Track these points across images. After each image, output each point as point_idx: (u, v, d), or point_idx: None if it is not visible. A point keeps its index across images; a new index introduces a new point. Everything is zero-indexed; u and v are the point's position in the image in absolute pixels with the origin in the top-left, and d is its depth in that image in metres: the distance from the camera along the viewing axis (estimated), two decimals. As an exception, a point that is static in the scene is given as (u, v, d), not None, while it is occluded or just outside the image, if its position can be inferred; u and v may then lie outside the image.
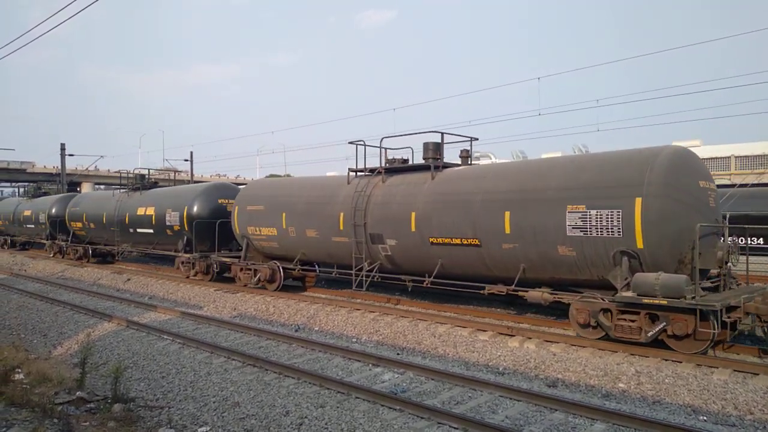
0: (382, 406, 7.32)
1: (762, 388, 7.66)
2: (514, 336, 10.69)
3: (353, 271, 13.70)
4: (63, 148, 43.26)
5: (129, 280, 20.29)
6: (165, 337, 11.56)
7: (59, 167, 44.83)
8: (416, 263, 12.87)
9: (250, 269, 16.66)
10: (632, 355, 9.31)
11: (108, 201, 24.28)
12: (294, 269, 15.98)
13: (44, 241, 29.68)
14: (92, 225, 24.89)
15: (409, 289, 13.67)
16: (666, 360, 8.97)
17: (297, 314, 13.67)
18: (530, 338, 10.49)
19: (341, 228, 14.00)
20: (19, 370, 8.85)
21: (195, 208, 18.88)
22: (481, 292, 11.95)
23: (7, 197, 41.30)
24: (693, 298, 8.65)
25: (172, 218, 19.49)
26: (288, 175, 26.01)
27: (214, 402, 7.81)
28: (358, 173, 14.72)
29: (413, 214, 12.45)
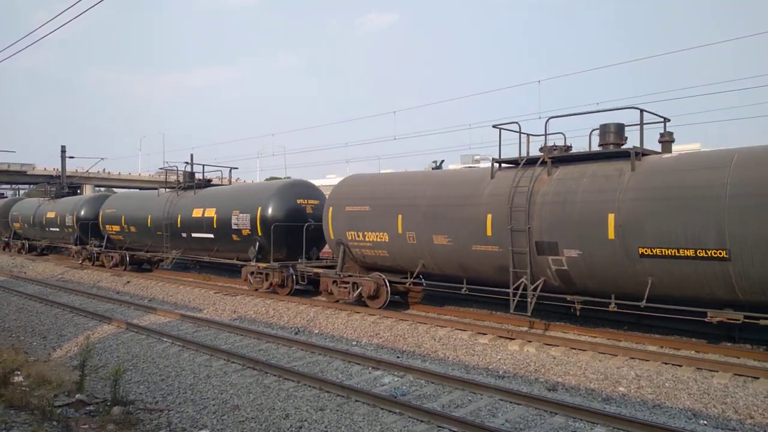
0: (382, 409, 7.31)
1: (762, 392, 7.65)
2: (514, 339, 10.68)
3: (510, 290, 10.69)
4: (63, 150, 43.24)
5: (129, 282, 20.28)
6: (165, 339, 11.55)
7: (60, 169, 44.82)
8: (608, 281, 9.91)
9: (347, 282, 13.97)
10: (632, 359, 9.30)
11: (152, 202, 21.51)
12: (403, 283, 13.44)
13: (71, 246, 26.67)
14: (132, 229, 22.06)
15: (577, 313, 10.78)
16: (666, 364, 8.96)
17: (297, 317, 13.66)
18: (530, 341, 10.48)
19: (489, 233, 11.09)
20: (19, 373, 8.83)
21: (270, 210, 16.16)
22: (709, 319, 8.97)
23: (7, 198, 39.57)
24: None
25: (240, 221, 16.76)
26: (288, 178, 25.12)
27: (213, 405, 7.80)
28: (503, 165, 11.86)
29: (611, 217, 9.54)
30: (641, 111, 10.13)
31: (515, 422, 6.92)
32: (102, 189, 61.82)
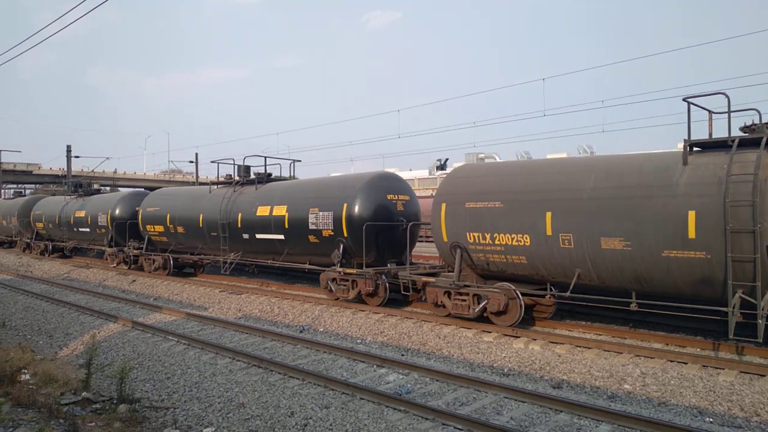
0: (387, 407, 7.32)
1: (768, 389, 7.61)
2: (518, 337, 10.68)
3: (729, 309, 8.40)
4: (69, 149, 43.50)
5: (134, 281, 20.35)
6: (170, 338, 11.59)
7: (65, 169, 45.02)
8: None
9: (465, 294, 11.68)
10: (638, 356, 9.28)
11: (205, 199, 19.09)
12: (540, 295, 11.16)
13: (104, 248, 24.29)
14: (180, 229, 19.82)
15: None
16: (672, 361, 8.94)
17: (302, 315, 13.68)
18: (535, 339, 10.47)
19: (692, 236, 8.75)
20: (26, 371, 8.89)
21: (358, 207, 13.93)
22: None
23: (28, 196, 36.82)
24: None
25: (320, 220, 14.63)
26: (293, 177, 24.25)
27: (219, 403, 7.82)
28: (704, 148, 9.38)
29: None
30: None
31: (520, 420, 6.92)
32: (108, 188, 62.00)
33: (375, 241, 13.89)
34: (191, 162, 48.78)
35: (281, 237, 15.89)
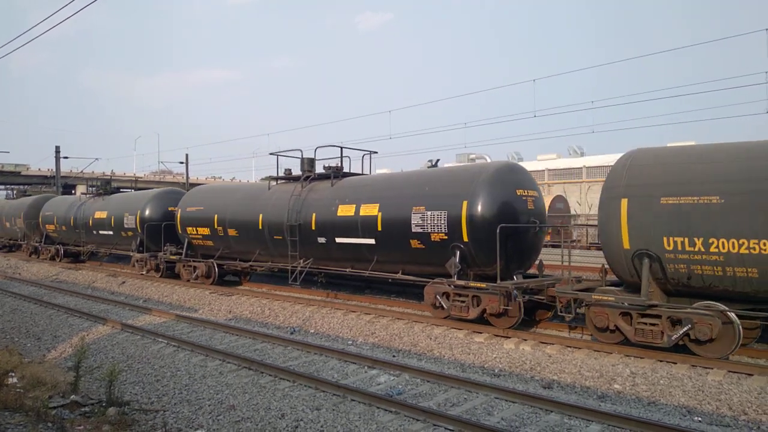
0: (378, 408, 7.31)
1: (756, 388, 7.69)
2: (509, 338, 10.70)
3: None
4: (58, 150, 43.13)
5: (124, 283, 20.22)
6: (160, 340, 11.52)
7: (54, 170, 44.66)
8: None
9: (653, 317, 9.32)
10: (627, 356, 9.33)
11: (263, 197, 16.44)
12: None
13: (130, 253, 21.48)
14: (232, 232, 16.99)
15: None
16: (661, 361, 9.00)
17: (293, 317, 13.65)
18: (525, 340, 10.50)
19: None
20: (13, 374, 8.81)
21: (481, 205, 11.30)
22: None
23: (35, 196, 33.57)
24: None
25: (429, 222, 12.00)
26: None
27: (209, 405, 7.78)
28: None
29: None
30: None
31: (511, 420, 6.93)
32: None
33: (505, 247, 11.16)
34: (181, 163, 48.52)
35: (370, 242, 13.26)
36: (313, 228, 14.53)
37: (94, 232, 23.82)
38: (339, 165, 15.67)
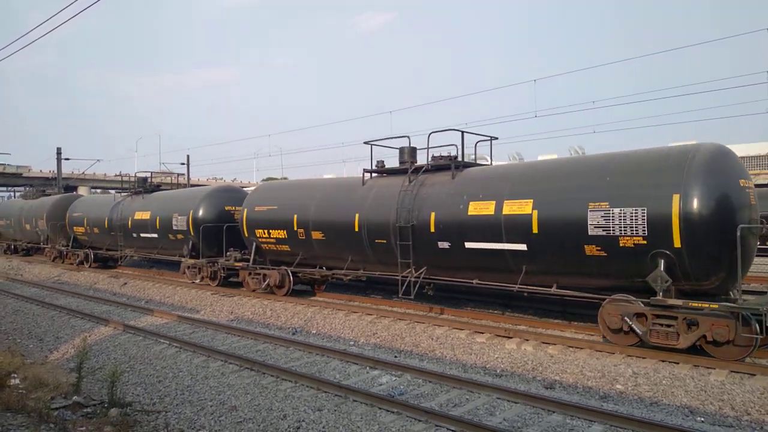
0: (380, 408, 7.31)
1: (759, 388, 7.67)
2: (511, 338, 10.69)
3: None
4: (59, 152, 43.18)
5: (126, 284, 20.24)
6: (162, 341, 11.53)
7: (55, 171, 44.73)
8: None
9: None
10: (629, 356, 9.32)
11: (358, 193, 13.85)
12: None
13: (178, 259, 19.26)
14: (318, 235, 14.43)
15: None
16: (663, 361, 8.98)
17: (294, 317, 13.65)
18: (527, 340, 10.49)
19: None
20: (15, 375, 8.82)
21: (698, 199, 8.75)
22: None
23: (60, 195, 30.69)
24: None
25: (620, 221, 9.38)
26: (285, 179, 21.76)
27: (211, 406, 7.79)
28: None
29: None
30: None
31: (513, 421, 6.92)
32: (98, 190, 61.70)
33: (728, 254, 8.78)
34: (183, 164, 48.56)
35: (519, 247, 10.62)
36: (432, 230, 11.91)
37: (134, 235, 21.31)
38: (452, 154, 12.97)
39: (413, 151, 13.81)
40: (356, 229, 13.43)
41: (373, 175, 14.33)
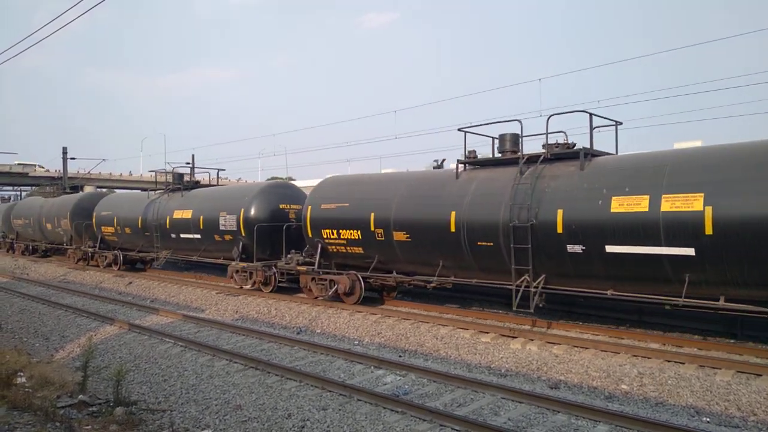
0: (385, 408, 7.31)
1: (765, 389, 7.64)
2: (516, 338, 10.68)
3: None
4: (65, 151, 43.32)
5: (131, 283, 20.30)
6: (167, 340, 11.56)
7: (61, 171, 44.93)
8: None
9: None
10: (635, 356, 9.29)
11: (454, 187, 12.06)
12: None
13: (226, 262, 17.73)
14: (401, 236, 12.60)
15: None
16: (669, 361, 8.96)
17: (299, 317, 13.66)
18: (532, 340, 10.47)
19: None
20: (21, 374, 8.86)
21: None
22: None
23: (85, 192, 30.02)
24: None
25: None
26: (291, 179, 20.99)
27: (216, 405, 7.80)
28: None
29: None
30: None
31: (518, 421, 6.91)
32: (104, 190, 61.94)
33: None
34: (187, 163, 48.57)
35: (685, 252, 8.81)
36: (559, 230, 10.05)
37: (173, 235, 19.45)
38: (569, 142, 11.23)
39: (517, 138, 11.80)
40: (452, 230, 11.54)
41: (468, 167, 12.37)
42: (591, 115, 10.89)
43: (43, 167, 62.97)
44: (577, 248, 9.92)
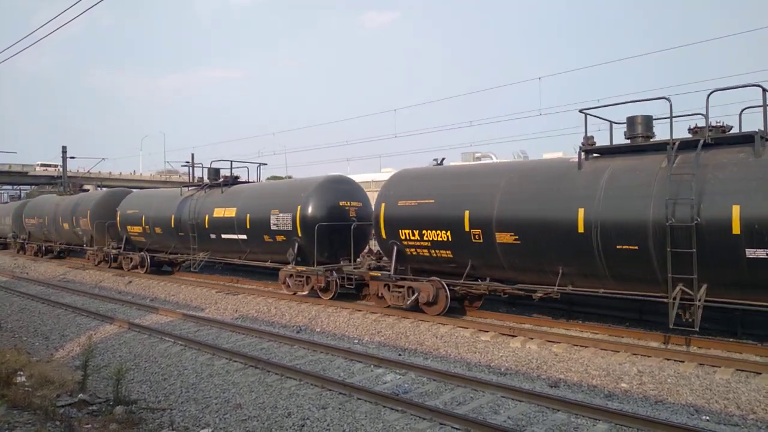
0: (384, 407, 7.31)
1: (764, 387, 7.64)
2: (515, 336, 10.68)
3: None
4: (64, 150, 43.34)
5: (131, 282, 20.29)
6: (167, 339, 11.56)
7: (60, 170, 44.92)
8: None
9: None
10: (634, 354, 9.30)
11: (576, 181, 10.12)
12: None
13: (274, 265, 16.20)
14: (508, 238, 10.71)
15: None
16: (668, 360, 8.96)
17: (299, 316, 13.66)
18: (532, 338, 10.47)
19: None
20: (21, 373, 8.86)
21: None
22: None
23: (109, 190, 28.21)
24: None
25: None
26: (289, 177, 19.86)
27: (216, 404, 7.81)
28: None
29: None
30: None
31: (517, 419, 6.92)
32: (104, 189, 61.89)
33: None
34: (187, 162, 48.57)
35: None
36: (736, 231, 8.29)
37: (212, 236, 17.68)
38: (723, 124, 9.41)
39: (649, 121, 10.12)
40: (580, 230, 9.66)
41: (592, 155, 10.54)
42: (765, 90, 8.95)
43: (51, 165, 62.60)
44: (762, 253, 8.14)
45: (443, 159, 17.06)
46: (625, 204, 9.32)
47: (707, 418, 7.09)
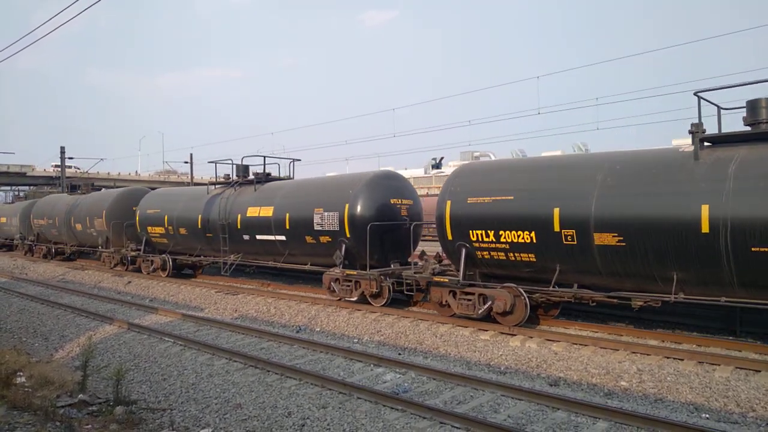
0: (384, 406, 7.32)
1: (764, 385, 7.65)
2: (515, 335, 10.69)
3: None
4: (63, 151, 43.36)
5: (130, 282, 20.28)
6: (166, 339, 11.56)
7: (59, 170, 44.89)
8: None
9: None
10: (634, 353, 9.31)
11: (692, 175, 8.75)
12: None
13: (319, 268, 14.90)
14: (612, 239, 9.38)
15: None
16: (668, 358, 8.97)
17: (298, 315, 13.67)
18: (531, 337, 10.48)
19: None
20: (21, 374, 8.86)
21: None
22: None
23: (125, 189, 25.86)
24: None
25: None
26: (289, 177, 18.47)
27: (216, 404, 7.81)
28: None
29: None
30: None
31: (517, 418, 6.93)
32: (102, 189, 61.86)
33: None
34: (186, 162, 48.66)
35: None
36: None
37: (245, 237, 16.53)
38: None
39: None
40: (704, 230, 8.43)
41: (707, 144, 9.11)
42: None
43: (31, 166, 62.70)
44: None
45: (441, 158, 16.87)
46: (765, 199, 7.99)
47: (707, 416, 7.10)
